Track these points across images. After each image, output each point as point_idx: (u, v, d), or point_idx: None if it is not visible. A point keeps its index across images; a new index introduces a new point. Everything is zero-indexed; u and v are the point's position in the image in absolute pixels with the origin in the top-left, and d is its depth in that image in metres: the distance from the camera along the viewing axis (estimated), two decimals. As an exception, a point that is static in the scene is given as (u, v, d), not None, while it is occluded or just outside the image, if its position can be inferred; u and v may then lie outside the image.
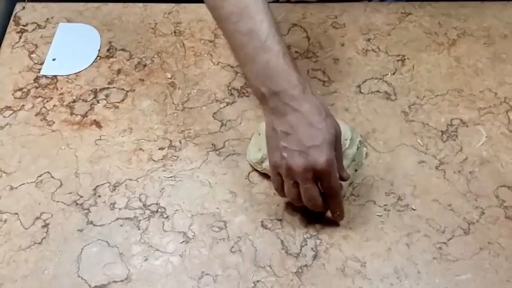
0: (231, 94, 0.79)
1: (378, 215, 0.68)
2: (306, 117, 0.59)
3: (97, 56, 0.83)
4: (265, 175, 0.70)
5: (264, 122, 0.72)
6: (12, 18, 0.88)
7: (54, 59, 0.83)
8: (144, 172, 0.71)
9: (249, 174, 0.71)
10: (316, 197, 0.62)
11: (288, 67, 0.60)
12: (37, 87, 0.80)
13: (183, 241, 0.66)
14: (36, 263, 0.64)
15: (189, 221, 0.67)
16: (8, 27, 0.87)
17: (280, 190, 0.64)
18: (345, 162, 0.67)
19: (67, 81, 0.80)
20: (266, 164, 0.69)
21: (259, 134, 0.71)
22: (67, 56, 0.83)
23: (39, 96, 0.79)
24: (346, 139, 0.69)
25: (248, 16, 0.61)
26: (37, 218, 0.68)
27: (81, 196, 0.69)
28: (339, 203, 0.64)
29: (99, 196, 0.69)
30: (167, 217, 0.68)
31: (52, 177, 0.71)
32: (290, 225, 0.67)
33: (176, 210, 0.68)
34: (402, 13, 0.88)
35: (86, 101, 0.78)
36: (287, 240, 0.66)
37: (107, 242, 0.66)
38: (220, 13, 0.64)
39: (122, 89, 0.80)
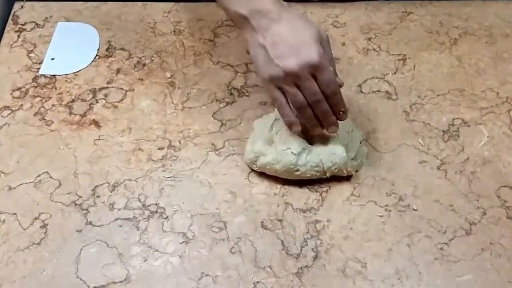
0: (231, 94, 0.78)
1: (379, 216, 0.67)
2: (289, 23, 0.63)
3: (96, 56, 0.83)
4: (265, 175, 0.70)
5: (259, 119, 0.72)
6: (10, 17, 0.87)
7: (52, 59, 0.82)
8: (143, 172, 0.71)
9: (249, 174, 0.71)
10: (319, 93, 0.63)
11: None
12: (35, 87, 0.79)
13: (182, 242, 0.65)
14: (34, 264, 0.64)
15: (189, 222, 0.67)
16: (7, 26, 0.86)
17: (285, 104, 0.65)
18: (351, 155, 0.68)
19: (66, 81, 0.80)
20: (260, 162, 0.68)
21: (254, 129, 0.71)
22: (66, 55, 0.83)
23: (38, 96, 0.78)
24: (347, 132, 0.69)
25: None
26: (36, 218, 0.67)
27: (80, 197, 0.69)
28: (341, 98, 0.65)
29: (98, 196, 0.69)
30: (167, 217, 0.67)
31: (51, 177, 0.70)
32: (290, 225, 0.66)
33: (176, 210, 0.68)
34: (403, 12, 0.88)
35: (85, 101, 0.78)
36: (287, 241, 0.65)
37: (106, 242, 0.65)
38: None
39: (121, 88, 0.79)
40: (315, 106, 0.64)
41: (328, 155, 0.67)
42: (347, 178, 0.70)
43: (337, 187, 0.69)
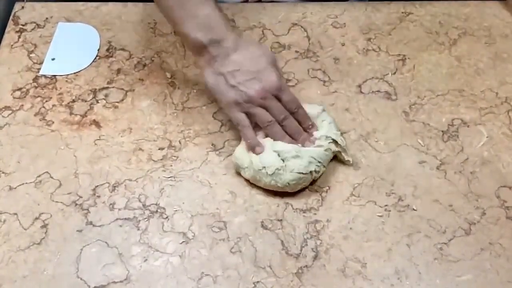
0: (231, 94, 0.79)
1: (378, 216, 0.67)
2: (246, 51, 0.68)
3: (97, 56, 0.83)
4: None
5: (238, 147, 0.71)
6: (11, 17, 0.88)
7: (53, 59, 0.82)
8: (143, 172, 0.71)
9: (249, 174, 0.71)
10: (284, 110, 0.68)
11: (224, 18, 0.69)
12: (36, 87, 0.79)
13: (182, 242, 0.66)
14: (35, 263, 0.64)
15: (189, 222, 0.67)
16: (7, 26, 0.87)
17: (249, 126, 0.68)
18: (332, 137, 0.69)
19: (66, 81, 0.80)
20: (245, 175, 0.69)
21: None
22: (66, 55, 0.83)
23: (38, 96, 0.78)
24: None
25: None
26: (36, 218, 0.67)
27: (81, 197, 0.69)
28: (305, 113, 0.70)
29: (99, 196, 0.69)
30: (167, 217, 0.67)
31: (51, 177, 0.71)
32: (290, 225, 0.67)
33: (176, 210, 0.68)
34: (402, 12, 0.88)
35: (86, 101, 0.78)
36: (287, 241, 0.66)
37: (106, 242, 0.65)
38: None
39: (122, 89, 0.79)
40: (285, 124, 0.68)
41: (306, 166, 0.66)
42: (347, 178, 0.70)
43: (337, 187, 0.70)
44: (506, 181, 0.70)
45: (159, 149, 0.73)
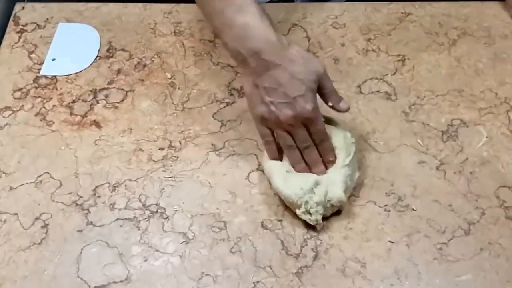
0: (231, 94, 0.79)
1: (378, 216, 0.67)
2: (287, 70, 0.62)
3: (97, 56, 0.83)
4: (265, 176, 0.70)
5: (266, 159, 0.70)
6: (11, 18, 0.88)
7: (53, 59, 0.83)
8: (143, 172, 0.71)
9: (249, 174, 0.71)
10: (309, 140, 0.66)
11: (266, 26, 0.63)
12: (36, 87, 0.80)
13: (183, 242, 0.66)
14: (35, 263, 0.64)
15: (189, 222, 0.67)
16: (8, 27, 0.87)
17: (272, 141, 0.67)
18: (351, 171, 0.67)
19: (67, 81, 0.80)
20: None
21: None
22: (66, 56, 0.83)
23: (39, 96, 0.79)
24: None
25: None
26: (37, 218, 0.67)
27: (81, 197, 0.69)
28: (330, 147, 0.67)
29: (99, 196, 0.69)
30: (167, 217, 0.68)
31: (52, 178, 0.71)
32: (290, 225, 0.67)
33: (176, 210, 0.68)
34: (402, 13, 0.88)
35: (86, 101, 0.78)
36: (287, 241, 0.66)
37: (106, 242, 0.66)
38: None
39: (122, 89, 0.80)
40: (305, 153, 0.67)
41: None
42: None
43: (336, 187, 0.70)
44: (506, 181, 0.70)
45: (159, 149, 0.73)
